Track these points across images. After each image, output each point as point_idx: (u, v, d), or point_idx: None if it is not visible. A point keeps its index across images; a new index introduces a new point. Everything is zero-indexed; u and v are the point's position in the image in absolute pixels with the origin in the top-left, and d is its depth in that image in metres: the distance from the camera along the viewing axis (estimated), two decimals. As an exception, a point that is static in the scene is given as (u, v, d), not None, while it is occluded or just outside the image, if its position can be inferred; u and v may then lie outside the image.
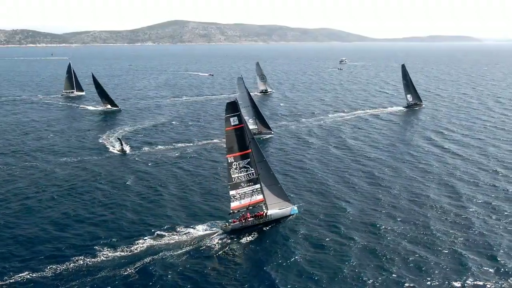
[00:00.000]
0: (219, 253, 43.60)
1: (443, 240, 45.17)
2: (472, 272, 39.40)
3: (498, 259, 41.58)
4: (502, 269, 39.94)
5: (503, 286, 37.42)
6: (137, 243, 44.57)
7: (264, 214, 49.96)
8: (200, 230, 47.71)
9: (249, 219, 48.91)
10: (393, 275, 39.20)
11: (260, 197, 50.82)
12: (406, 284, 37.78)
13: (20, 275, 38.95)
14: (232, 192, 49.89)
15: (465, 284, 37.55)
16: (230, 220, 48.71)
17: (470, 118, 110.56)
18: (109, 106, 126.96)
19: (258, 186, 50.76)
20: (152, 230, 47.54)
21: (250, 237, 47.00)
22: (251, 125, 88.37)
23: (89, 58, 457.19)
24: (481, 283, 37.67)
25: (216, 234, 46.95)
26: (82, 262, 41.17)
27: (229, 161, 50.09)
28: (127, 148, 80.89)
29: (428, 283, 37.98)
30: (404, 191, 59.24)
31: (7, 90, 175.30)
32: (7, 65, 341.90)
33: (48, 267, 40.25)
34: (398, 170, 68.60)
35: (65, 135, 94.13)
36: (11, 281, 38.22)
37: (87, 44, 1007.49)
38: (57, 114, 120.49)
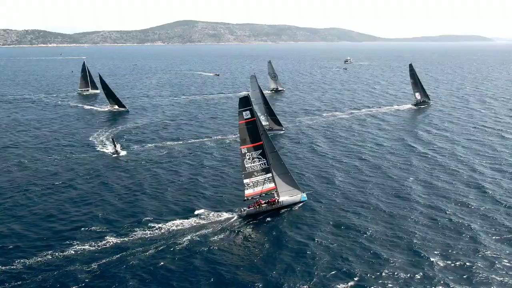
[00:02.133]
0: (236, 235, 47.25)
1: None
2: (425, 270, 39.89)
3: (452, 258, 41.81)
4: (451, 267, 40.17)
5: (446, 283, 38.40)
6: (163, 227, 48.58)
7: (276, 200, 53.42)
8: (218, 215, 51.32)
9: (263, 205, 52.47)
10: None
11: (272, 185, 54.18)
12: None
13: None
14: (246, 181, 53.34)
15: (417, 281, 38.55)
16: (249, 205, 52.34)
17: (473, 117, 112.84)
18: (116, 107, 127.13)
19: (270, 175, 54.12)
20: (176, 216, 51.49)
21: (263, 221, 50.47)
22: (263, 121, 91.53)
23: (98, 58, 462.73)
24: (434, 280, 38.48)
25: (233, 219, 50.66)
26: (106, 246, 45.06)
27: (243, 152, 53.48)
28: (118, 147, 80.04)
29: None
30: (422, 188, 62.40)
31: (17, 89, 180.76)
32: (16, 64, 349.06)
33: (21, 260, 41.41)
34: (413, 164, 71.79)
35: (61, 134, 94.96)
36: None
37: (97, 44, 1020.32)
38: (58, 114, 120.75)
